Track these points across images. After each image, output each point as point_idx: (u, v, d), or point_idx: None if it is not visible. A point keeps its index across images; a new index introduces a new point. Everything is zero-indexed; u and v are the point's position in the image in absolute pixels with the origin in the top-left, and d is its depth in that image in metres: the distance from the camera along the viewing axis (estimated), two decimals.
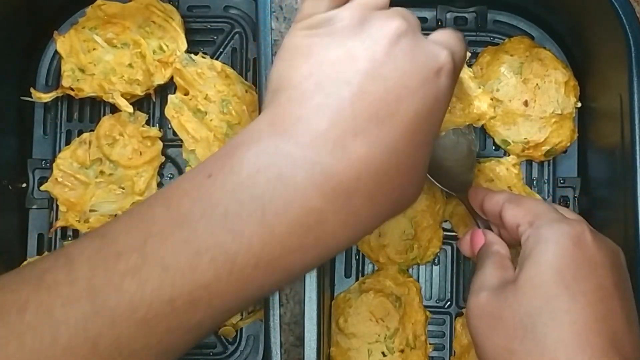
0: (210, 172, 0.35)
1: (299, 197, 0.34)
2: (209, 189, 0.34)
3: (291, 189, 0.34)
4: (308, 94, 0.36)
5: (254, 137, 0.36)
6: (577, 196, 0.66)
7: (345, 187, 0.35)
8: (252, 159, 0.35)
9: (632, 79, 0.56)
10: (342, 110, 0.35)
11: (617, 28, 0.57)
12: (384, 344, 0.63)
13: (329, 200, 0.35)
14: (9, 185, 0.66)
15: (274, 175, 0.34)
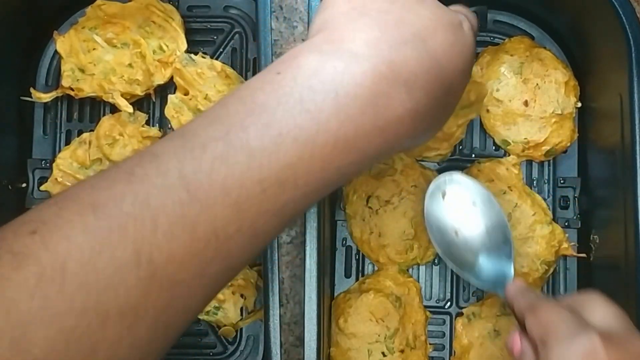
0: (279, 70, 0.37)
1: (368, 81, 0.37)
2: (280, 82, 0.37)
3: (359, 75, 0.37)
4: (356, 18, 0.40)
5: (314, 44, 0.39)
6: (577, 196, 0.66)
7: (405, 78, 0.38)
8: (317, 57, 0.38)
9: (632, 79, 0.56)
10: (389, 26, 0.39)
11: (617, 28, 0.57)
12: (384, 344, 0.63)
13: (394, 86, 0.38)
14: (9, 185, 0.66)
15: (341, 67, 0.37)
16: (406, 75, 0.38)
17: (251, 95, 0.37)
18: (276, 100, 0.36)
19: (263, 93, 0.36)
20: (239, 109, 0.36)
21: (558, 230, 0.64)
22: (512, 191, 0.65)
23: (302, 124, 0.35)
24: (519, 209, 0.64)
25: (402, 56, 0.39)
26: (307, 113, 0.36)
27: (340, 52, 0.38)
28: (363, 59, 0.38)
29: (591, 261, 0.65)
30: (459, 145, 0.67)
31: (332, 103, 0.36)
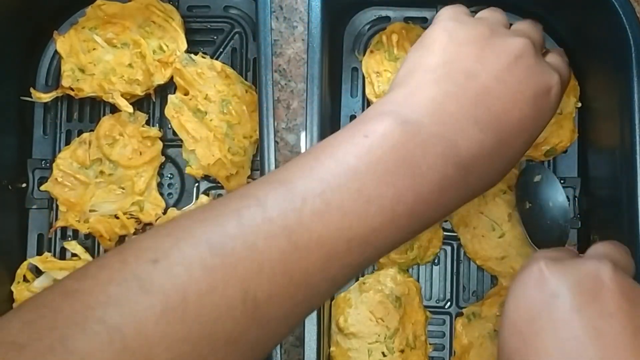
0: (366, 134, 0.40)
1: (439, 165, 0.41)
2: (369, 149, 0.40)
3: (431, 157, 0.41)
4: (439, 80, 0.43)
5: (394, 108, 0.42)
6: (577, 196, 0.66)
7: (465, 163, 0.42)
8: (398, 128, 0.41)
9: (632, 78, 0.56)
10: (467, 99, 0.43)
11: (617, 28, 0.57)
12: (384, 344, 0.63)
13: (457, 170, 0.42)
14: (9, 185, 0.66)
15: (419, 144, 0.41)
16: (467, 160, 0.42)
17: (343, 156, 0.40)
18: (365, 166, 0.39)
19: (354, 157, 0.39)
20: (332, 168, 0.39)
21: None
22: (512, 191, 0.65)
23: (386, 194, 0.39)
24: None
25: (467, 140, 0.42)
26: (391, 186, 0.39)
27: (417, 126, 0.41)
28: (436, 139, 0.41)
29: None
30: None
31: (410, 180, 0.40)
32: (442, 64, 0.44)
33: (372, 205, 0.39)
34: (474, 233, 0.65)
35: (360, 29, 0.68)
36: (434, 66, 0.44)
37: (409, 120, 0.41)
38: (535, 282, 0.45)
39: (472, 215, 0.65)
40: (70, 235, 0.68)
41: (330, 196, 0.38)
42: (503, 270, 0.64)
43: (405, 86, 0.44)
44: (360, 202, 0.39)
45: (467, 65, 0.44)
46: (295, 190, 0.38)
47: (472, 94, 0.43)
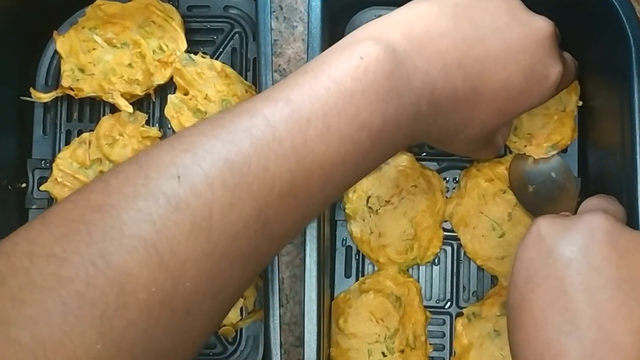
0: (362, 55, 0.41)
1: (415, 98, 0.42)
2: (365, 70, 0.41)
3: (412, 90, 0.42)
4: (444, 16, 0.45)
5: (386, 32, 0.44)
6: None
7: (436, 103, 0.44)
8: (389, 55, 0.42)
9: (632, 78, 0.56)
10: (461, 46, 0.44)
11: (617, 28, 0.57)
12: (384, 344, 0.63)
13: (428, 108, 0.43)
14: (8, 185, 0.66)
15: (404, 73, 0.42)
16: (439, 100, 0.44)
17: (341, 79, 0.40)
18: (362, 90, 0.40)
19: (351, 79, 0.40)
20: (333, 90, 0.40)
21: None
22: (512, 190, 0.64)
23: (375, 121, 0.41)
24: (519, 208, 0.64)
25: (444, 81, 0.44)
26: (380, 114, 0.41)
27: (404, 57, 0.42)
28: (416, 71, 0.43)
29: None
30: None
31: (394, 110, 0.42)
32: (454, 4, 0.45)
33: (364, 131, 0.40)
34: (474, 233, 0.65)
35: None
36: (447, 1, 0.46)
37: (398, 49, 0.42)
38: (534, 243, 0.47)
39: (472, 215, 0.65)
40: None
41: (330, 119, 0.39)
42: (503, 270, 0.64)
43: (406, 8, 0.46)
44: (355, 128, 0.40)
45: (479, 17, 0.46)
46: (300, 110, 0.39)
47: (467, 44, 0.44)
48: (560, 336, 0.44)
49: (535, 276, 0.46)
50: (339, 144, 0.40)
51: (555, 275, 0.45)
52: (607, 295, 0.44)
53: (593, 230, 0.46)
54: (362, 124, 0.40)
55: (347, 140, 0.40)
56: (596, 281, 0.44)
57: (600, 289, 0.44)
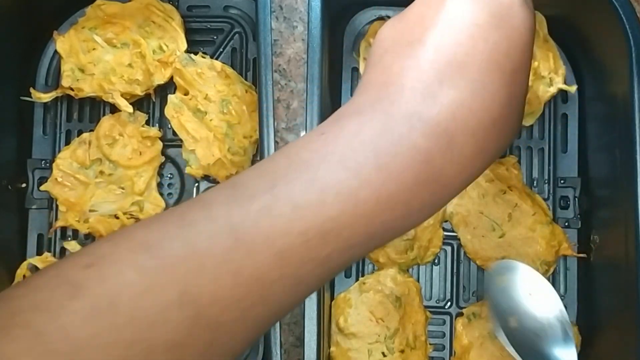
0: (323, 132, 0.38)
1: (406, 140, 0.37)
2: (324, 142, 0.38)
3: (396, 136, 0.37)
4: (395, 56, 0.40)
5: (356, 104, 0.40)
6: (577, 196, 0.66)
7: (444, 127, 0.37)
8: (356, 119, 0.38)
9: (632, 78, 0.56)
10: (422, 64, 0.39)
11: (617, 28, 0.57)
12: (384, 344, 0.63)
13: (432, 140, 0.37)
14: (8, 185, 0.66)
15: (379, 127, 0.37)
16: (445, 124, 0.38)
17: (296, 153, 0.38)
18: (319, 158, 0.37)
19: (307, 151, 0.38)
20: (285, 164, 0.37)
21: (558, 231, 0.64)
22: (512, 191, 0.65)
23: (345, 179, 0.36)
24: (519, 209, 0.64)
25: (438, 104, 0.38)
26: (349, 171, 0.36)
27: (376, 113, 0.38)
28: (400, 119, 0.38)
29: (591, 261, 0.65)
30: None
31: (372, 162, 0.37)
32: (400, 35, 0.41)
33: (327, 194, 0.36)
34: (474, 233, 0.65)
35: (361, 29, 0.68)
36: (391, 42, 0.41)
37: (366, 111, 0.39)
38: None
39: (473, 215, 0.65)
40: (70, 235, 0.68)
41: (279, 190, 0.36)
42: None
43: (367, 74, 0.41)
44: (314, 192, 0.36)
45: (413, 25, 0.40)
46: (244, 189, 0.37)
47: (425, 57, 0.38)
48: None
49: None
50: (290, 213, 0.36)
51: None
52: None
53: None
54: (323, 186, 0.36)
55: (303, 207, 0.36)
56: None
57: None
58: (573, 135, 0.67)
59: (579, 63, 0.66)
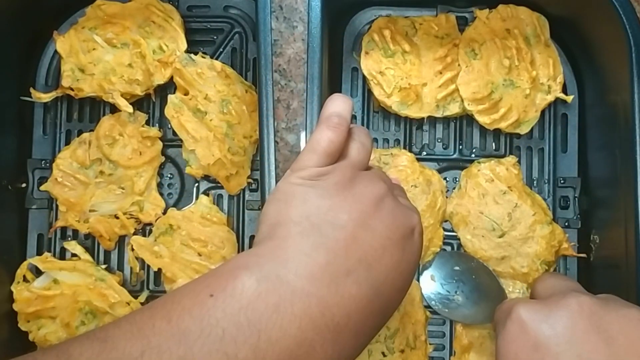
0: (212, 292, 0.37)
1: (295, 327, 0.37)
2: (210, 309, 0.36)
3: (287, 319, 0.37)
4: (306, 232, 0.40)
5: (256, 262, 0.39)
6: (577, 196, 0.66)
7: (336, 322, 0.38)
8: (254, 284, 0.37)
9: (632, 79, 0.56)
10: (337, 250, 0.40)
11: (617, 28, 0.57)
12: (384, 344, 0.63)
13: (320, 333, 0.38)
14: (8, 185, 0.66)
15: (273, 302, 0.37)
16: (338, 318, 0.38)
17: (178, 316, 0.36)
18: (199, 329, 0.36)
19: (190, 317, 0.36)
20: (163, 328, 0.36)
21: (558, 230, 0.65)
22: (512, 191, 0.65)
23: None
24: (519, 209, 0.64)
25: (339, 296, 0.39)
26: (224, 355, 0.35)
27: (279, 282, 0.38)
28: (298, 298, 0.37)
29: (591, 261, 0.65)
30: (459, 144, 0.68)
31: (251, 347, 0.36)
32: (306, 216, 0.41)
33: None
34: (474, 233, 0.65)
35: (360, 29, 0.68)
36: (297, 219, 0.41)
37: (269, 275, 0.38)
38: (517, 334, 0.46)
39: (472, 215, 0.65)
40: (70, 235, 0.68)
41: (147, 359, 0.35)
42: (503, 270, 0.64)
43: (270, 240, 0.41)
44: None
45: (332, 216, 0.41)
46: (113, 351, 0.35)
47: (342, 245, 0.40)
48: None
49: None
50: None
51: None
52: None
53: (575, 317, 0.45)
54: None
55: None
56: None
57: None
58: (573, 135, 0.67)
59: (580, 64, 0.66)
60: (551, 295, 0.49)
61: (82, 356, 0.35)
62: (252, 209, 0.67)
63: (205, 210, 0.66)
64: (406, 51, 0.66)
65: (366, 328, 0.41)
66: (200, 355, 0.35)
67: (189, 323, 0.36)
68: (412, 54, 0.66)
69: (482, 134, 0.68)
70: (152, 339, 0.35)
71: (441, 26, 0.67)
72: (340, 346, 0.39)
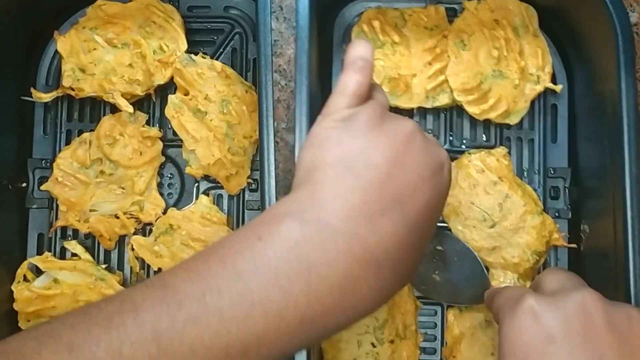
0: (260, 236, 0.39)
1: (341, 263, 0.39)
2: (260, 250, 0.38)
3: (333, 256, 0.39)
4: (341, 174, 0.42)
5: (297, 207, 0.41)
6: (568, 186, 0.67)
7: (376, 258, 0.40)
8: (298, 227, 0.39)
9: (619, 68, 0.57)
10: (372, 190, 0.41)
11: (604, 17, 0.58)
12: (373, 334, 0.64)
13: (363, 268, 0.40)
14: (9, 185, 0.66)
15: (318, 243, 0.39)
16: (378, 254, 0.40)
17: (232, 259, 0.38)
18: (254, 268, 0.38)
19: (243, 259, 0.38)
20: (219, 271, 0.38)
21: (549, 221, 0.65)
22: (503, 182, 0.65)
23: (274, 298, 0.37)
24: (509, 199, 0.65)
25: (377, 234, 0.40)
26: (280, 289, 0.38)
27: (320, 224, 0.40)
28: (340, 237, 0.39)
29: (581, 251, 0.65)
30: (449, 135, 0.68)
31: (304, 282, 0.38)
32: (341, 158, 0.42)
33: (255, 310, 0.37)
34: (465, 224, 0.65)
35: (350, 21, 0.69)
36: (332, 161, 0.42)
37: (311, 219, 0.40)
38: (529, 324, 0.46)
39: (463, 205, 0.66)
40: (70, 235, 0.67)
41: (209, 300, 0.37)
42: (494, 261, 0.65)
43: (307, 184, 0.42)
44: (242, 307, 0.37)
45: (367, 156, 0.42)
46: (175, 294, 0.37)
47: (376, 185, 0.41)
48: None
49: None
50: (217, 326, 0.37)
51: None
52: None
53: (590, 312, 0.46)
54: (252, 302, 0.37)
55: (230, 321, 0.37)
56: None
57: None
58: (563, 125, 0.68)
59: (569, 54, 0.67)
60: (560, 289, 0.50)
61: (145, 302, 0.37)
62: (252, 209, 0.67)
63: (205, 210, 0.66)
64: (396, 42, 0.67)
65: (403, 263, 0.42)
66: (258, 291, 0.37)
67: (242, 264, 0.38)
68: (402, 45, 0.67)
69: (473, 125, 0.68)
70: (210, 281, 0.37)
71: (430, 17, 0.68)
72: (381, 280, 0.41)
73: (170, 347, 0.36)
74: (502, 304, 0.51)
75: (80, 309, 0.38)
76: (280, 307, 0.37)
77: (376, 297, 0.41)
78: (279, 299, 0.37)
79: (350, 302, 0.40)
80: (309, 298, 0.38)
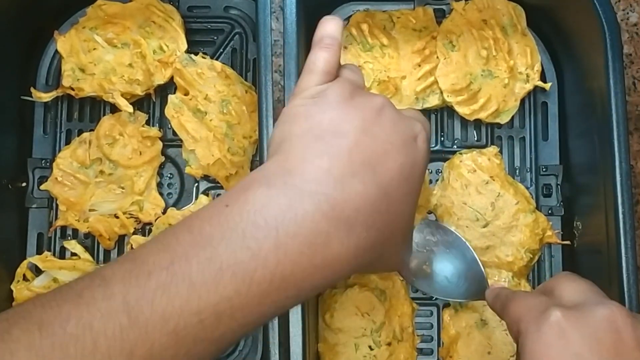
0: (227, 203, 0.39)
1: (309, 221, 0.39)
2: (227, 215, 0.39)
3: (300, 214, 0.39)
4: (310, 142, 0.43)
5: (265, 175, 0.41)
6: (560, 183, 0.67)
7: (346, 216, 0.41)
8: (264, 191, 0.40)
9: (607, 65, 0.58)
10: (340, 155, 0.42)
11: (591, 15, 0.59)
12: (370, 337, 0.64)
13: (334, 225, 0.40)
14: (8, 184, 0.65)
15: (285, 203, 0.39)
16: (348, 212, 0.41)
17: (199, 227, 0.39)
18: (220, 234, 0.38)
19: (210, 225, 0.39)
20: (186, 239, 0.38)
21: (542, 219, 0.65)
22: (495, 181, 0.65)
23: (242, 259, 0.37)
24: (502, 198, 0.65)
25: (346, 193, 0.41)
26: (247, 250, 0.38)
27: (287, 187, 0.40)
28: (307, 197, 0.40)
29: (575, 247, 0.65)
30: (441, 136, 0.69)
31: (272, 241, 0.38)
32: (309, 129, 0.43)
33: (224, 273, 0.37)
34: (458, 224, 0.66)
35: None
36: (300, 132, 0.43)
37: (276, 183, 0.40)
38: (555, 340, 0.44)
39: (456, 206, 0.66)
40: (70, 235, 0.67)
41: (177, 267, 0.37)
42: (488, 260, 0.65)
43: (277, 154, 0.43)
44: (211, 271, 0.37)
45: (335, 126, 0.43)
46: (143, 265, 0.37)
47: (344, 150, 0.42)
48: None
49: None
50: (187, 292, 0.37)
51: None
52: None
53: (620, 331, 0.44)
54: (220, 265, 0.37)
55: (200, 286, 0.37)
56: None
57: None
58: (553, 123, 0.68)
59: (558, 52, 0.68)
60: (584, 302, 0.47)
61: (115, 276, 0.37)
62: None
63: None
64: (384, 45, 0.67)
65: (377, 223, 0.42)
66: (226, 254, 0.37)
67: (209, 230, 0.38)
68: (391, 48, 0.68)
69: (463, 125, 0.69)
70: (177, 249, 0.38)
71: (419, 19, 0.68)
72: (354, 238, 0.41)
73: (141, 316, 0.36)
74: (523, 314, 0.48)
75: (52, 290, 0.38)
76: (249, 268, 0.37)
77: (351, 256, 0.41)
78: (247, 260, 0.37)
79: (322, 259, 0.40)
80: (279, 257, 0.38)
